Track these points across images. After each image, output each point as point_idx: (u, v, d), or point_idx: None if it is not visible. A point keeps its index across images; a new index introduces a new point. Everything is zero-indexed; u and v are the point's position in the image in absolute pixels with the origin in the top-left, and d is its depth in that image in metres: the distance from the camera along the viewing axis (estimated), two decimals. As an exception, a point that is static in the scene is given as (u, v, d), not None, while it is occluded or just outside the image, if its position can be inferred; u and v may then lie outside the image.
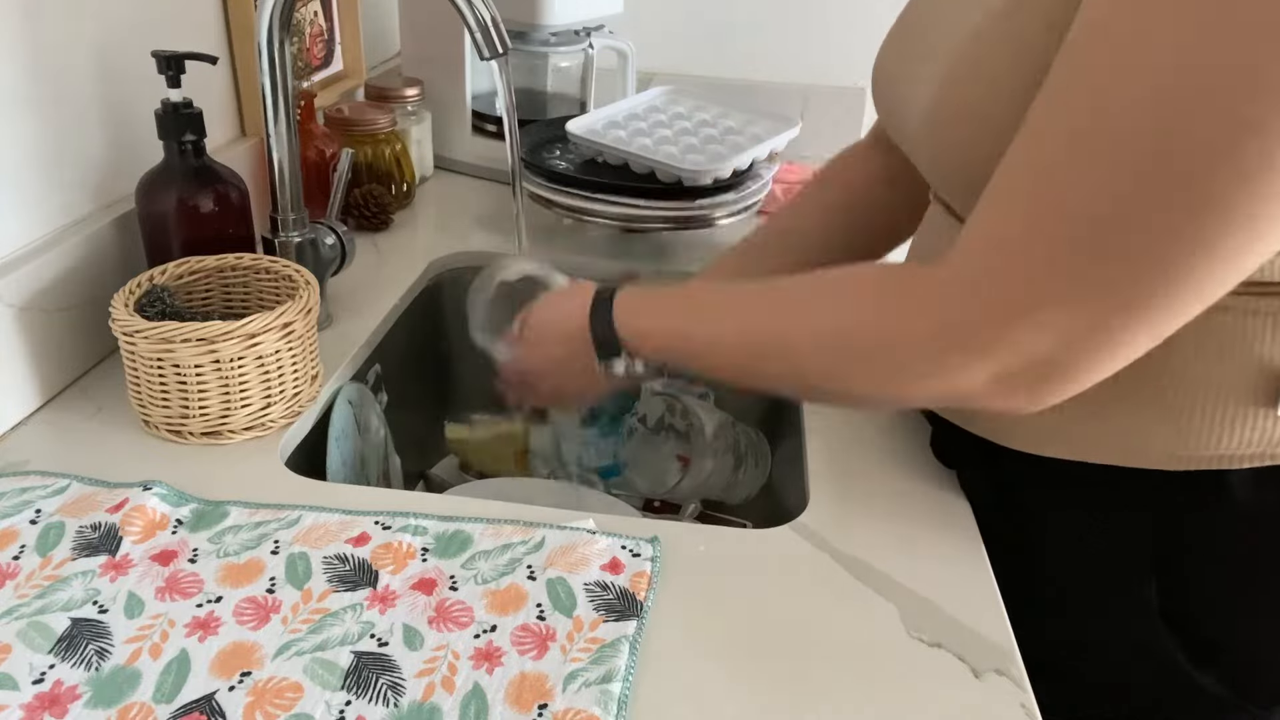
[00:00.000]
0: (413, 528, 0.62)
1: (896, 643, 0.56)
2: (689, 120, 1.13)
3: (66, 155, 0.77)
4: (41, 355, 0.73)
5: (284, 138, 0.80)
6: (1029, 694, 0.53)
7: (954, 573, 0.61)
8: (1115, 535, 0.61)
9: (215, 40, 0.95)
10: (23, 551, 0.58)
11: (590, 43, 1.27)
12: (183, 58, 0.75)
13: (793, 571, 0.61)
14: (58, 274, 0.74)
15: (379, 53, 1.37)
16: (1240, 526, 0.58)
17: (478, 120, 1.28)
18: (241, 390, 0.69)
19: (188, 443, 0.70)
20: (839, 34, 1.42)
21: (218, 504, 0.64)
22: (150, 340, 0.66)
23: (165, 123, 0.76)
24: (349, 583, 0.57)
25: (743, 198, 1.04)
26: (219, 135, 0.96)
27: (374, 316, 0.91)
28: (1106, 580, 0.62)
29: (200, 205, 0.79)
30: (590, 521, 0.63)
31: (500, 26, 0.74)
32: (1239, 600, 0.60)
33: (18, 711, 0.48)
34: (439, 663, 0.52)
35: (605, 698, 0.50)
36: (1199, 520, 0.59)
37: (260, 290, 0.79)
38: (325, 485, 0.68)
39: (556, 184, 1.04)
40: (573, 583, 0.58)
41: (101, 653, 0.52)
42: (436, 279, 1.05)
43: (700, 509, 0.95)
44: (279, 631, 0.54)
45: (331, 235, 0.89)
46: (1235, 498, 0.57)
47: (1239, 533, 0.59)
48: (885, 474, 0.70)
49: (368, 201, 1.08)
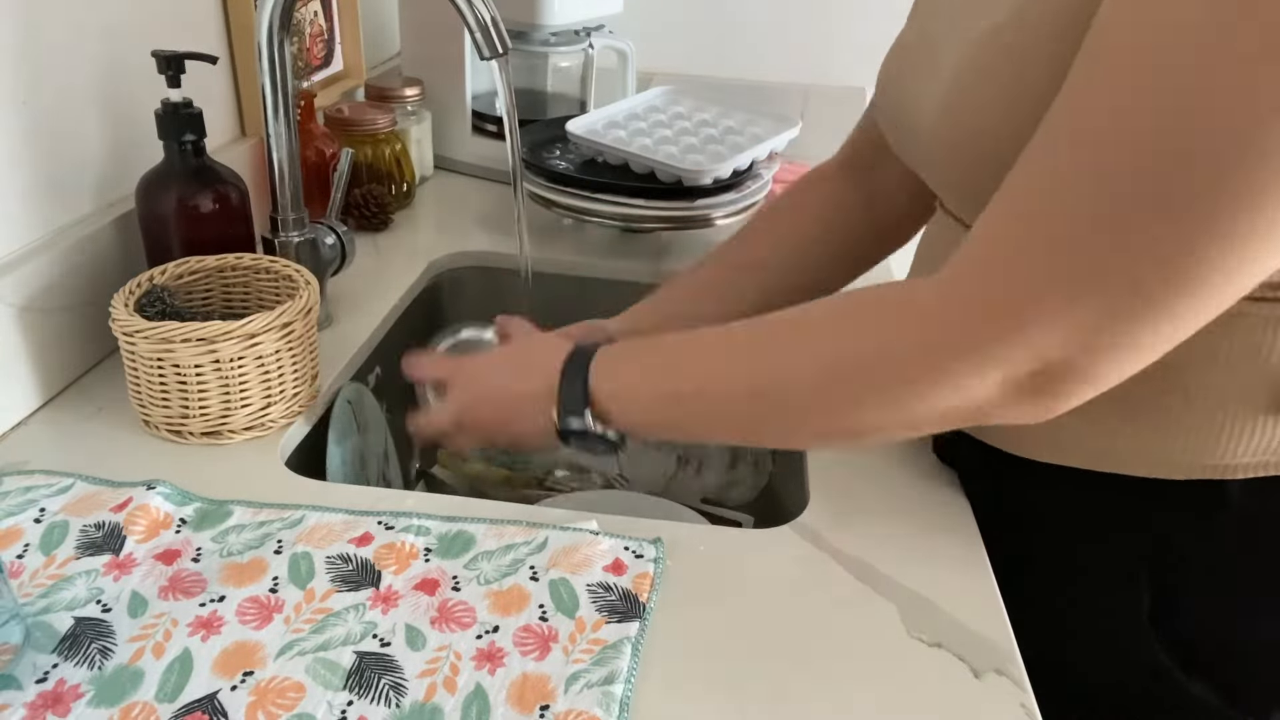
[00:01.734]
0: (416, 528, 0.62)
1: (896, 643, 0.56)
2: (689, 120, 1.13)
3: (66, 155, 0.77)
4: (41, 355, 0.73)
5: (284, 138, 0.80)
6: (1029, 694, 0.53)
7: (954, 573, 0.61)
8: (1110, 542, 0.61)
9: (215, 40, 0.95)
10: (26, 550, 0.58)
11: (590, 43, 1.27)
12: (183, 58, 0.75)
13: (793, 571, 0.61)
14: (58, 274, 0.74)
15: (379, 53, 1.37)
16: (1235, 535, 0.58)
17: (478, 120, 1.28)
18: (241, 390, 0.69)
19: (188, 443, 0.70)
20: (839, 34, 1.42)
21: (221, 503, 0.64)
22: (150, 340, 0.66)
23: (165, 123, 0.76)
24: (351, 583, 0.57)
25: (743, 198, 1.04)
26: (219, 135, 0.96)
27: (374, 316, 0.91)
28: (1101, 587, 0.62)
29: (200, 205, 0.79)
30: (593, 522, 0.63)
31: (500, 26, 0.74)
32: (1231, 608, 0.60)
33: (21, 710, 0.48)
34: (441, 663, 0.52)
35: (607, 699, 0.50)
36: (1195, 528, 0.59)
37: (260, 290, 0.79)
38: (326, 485, 0.68)
39: (556, 184, 1.04)
40: (575, 584, 0.58)
41: (104, 651, 0.52)
42: (436, 279, 1.05)
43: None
44: (281, 631, 0.54)
45: (331, 235, 0.89)
46: (1232, 506, 0.57)
47: (1234, 541, 0.59)
48: (885, 474, 0.71)
49: (368, 201, 1.08)
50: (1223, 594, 0.60)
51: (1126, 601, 0.61)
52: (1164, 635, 0.61)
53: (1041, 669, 0.57)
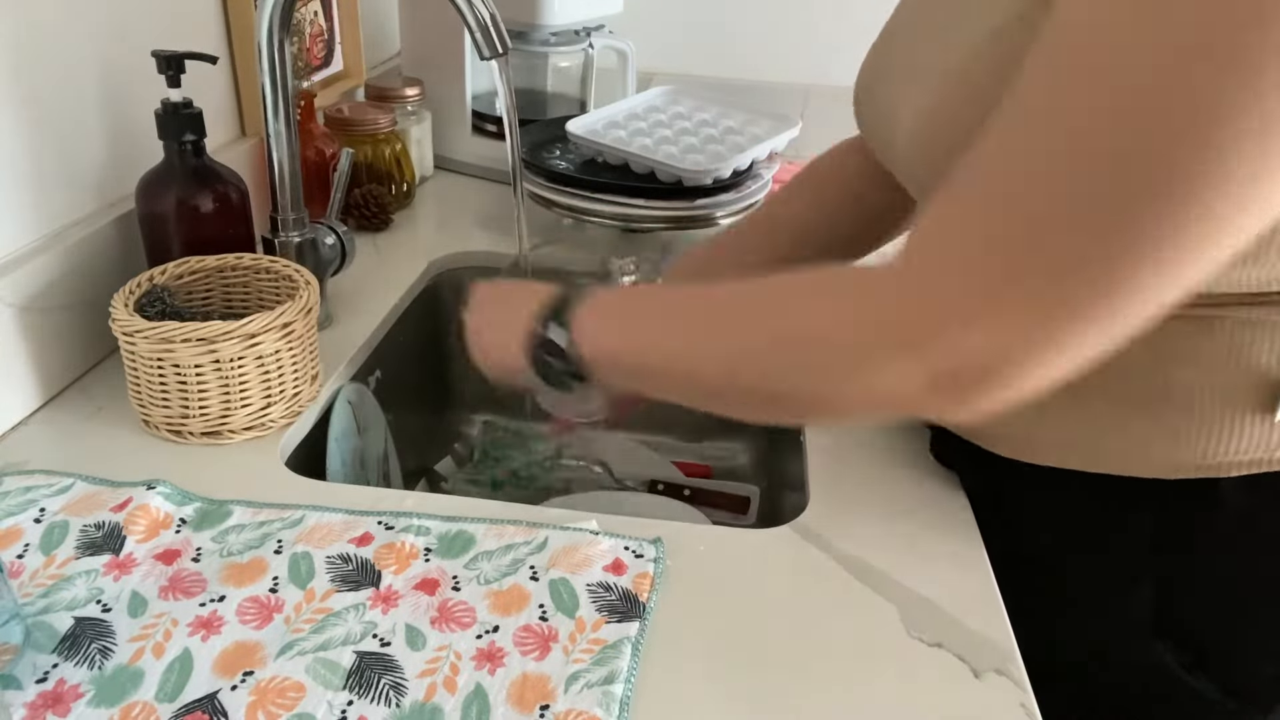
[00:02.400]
0: (416, 528, 0.62)
1: (896, 643, 0.56)
2: (689, 120, 1.13)
3: (67, 155, 0.77)
4: (41, 355, 0.73)
5: (284, 138, 0.80)
6: (1029, 694, 0.53)
7: (954, 573, 0.61)
8: (1110, 542, 0.62)
9: (215, 40, 0.95)
10: (27, 550, 0.58)
11: (590, 43, 1.27)
12: (183, 57, 0.75)
13: (793, 571, 0.61)
14: (58, 274, 0.74)
15: (379, 53, 1.37)
16: (1234, 531, 0.59)
17: (478, 120, 1.28)
18: (241, 390, 0.69)
19: (188, 443, 0.70)
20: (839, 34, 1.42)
21: (221, 503, 0.64)
22: (150, 340, 0.66)
23: (165, 123, 0.77)
24: (351, 582, 0.57)
25: (743, 198, 1.04)
26: (219, 135, 0.96)
27: (374, 316, 0.91)
28: (1101, 586, 0.63)
29: (200, 205, 0.79)
30: (593, 522, 0.63)
31: (500, 26, 0.74)
32: (1233, 604, 0.60)
33: (21, 710, 0.48)
34: (441, 663, 0.52)
35: (607, 699, 0.50)
36: (1193, 526, 0.59)
37: (260, 290, 0.79)
38: (327, 485, 0.68)
39: (556, 184, 1.04)
40: (575, 583, 0.58)
41: (105, 651, 0.52)
42: (436, 279, 1.05)
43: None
44: (282, 631, 0.54)
45: (331, 235, 0.89)
46: (1229, 503, 0.57)
47: (1232, 538, 0.59)
48: (885, 474, 0.71)
49: (368, 201, 1.08)
50: (1224, 590, 0.60)
51: (1127, 601, 0.61)
52: (1165, 633, 0.61)
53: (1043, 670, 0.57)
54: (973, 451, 0.65)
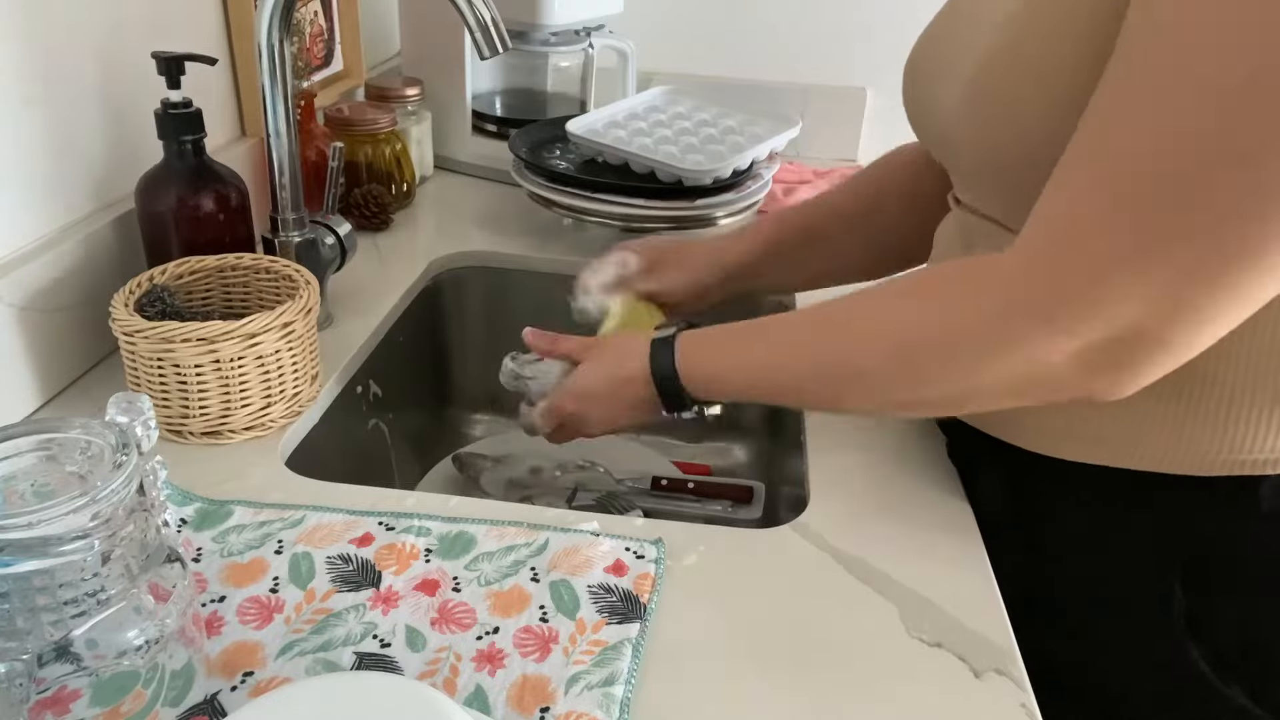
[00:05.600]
0: (416, 528, 0.62)
1: (896, 643, 0.56)
2: (689, 120, 1.13)
3: (66, 155, 0.77)
4: (41, 355, 0.73)
5: (284, 138, 0.80)
6: (1029, 694, 0.53)
7: (954, 573, 0.61)
8: (1140, 541, 0.60)
9: (215, 40, 0.95)
10: None
11: (590, 42, 1.27)
12: (182, 59, 0.75)
13: (793, 572, 0.61)
14: (58, 274, 0.74)
15: (379, 53, 1.37)
16: (1269, 532, 0.58)
17: (478, 120, 1.28)
18: (241, 390, 0.69)
19: (188, 443, 0.70)
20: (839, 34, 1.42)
21: (222, 503, 0.64)
22: (150, 340, 0.66)
23: (165, 123, 0.77)
24: (352, 583, 0.57)
25: (743, 198, 1.04)
26: (219, 135, 0.96)
27: (374, 316, 0.91)
28: (1129, 587, 0.61)
29: (200, 205, 0.79)
30: (594, 524, 0.63)
31: (500, 26, 0.74)
32: (1266, 608, 0.59)
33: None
34: (441, 664, 0.52)
35: (608, 700, 0.50)
36: (1227, 526, 0.58)
37: (260, 290, 0.79)
38: (327, 485, 0.68)
39: (556, 184, 1.04)
40: (576, 585, 0.58)
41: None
42: (436, 279, 1.05)
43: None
44: (282, 631, 0.54)
45: (331, 235, 0.89)
46: (1264, 503, 0.56)
47: (1267, 539, 0.58)
48: (885, 474, 0.71)
49: (368, 201, 1.08)
50: (1258, 593, 0.59)
51: (1156, 603, 0.60)
52: (1196, 637, 0.60)
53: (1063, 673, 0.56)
54: (993, 451, 0.65)
